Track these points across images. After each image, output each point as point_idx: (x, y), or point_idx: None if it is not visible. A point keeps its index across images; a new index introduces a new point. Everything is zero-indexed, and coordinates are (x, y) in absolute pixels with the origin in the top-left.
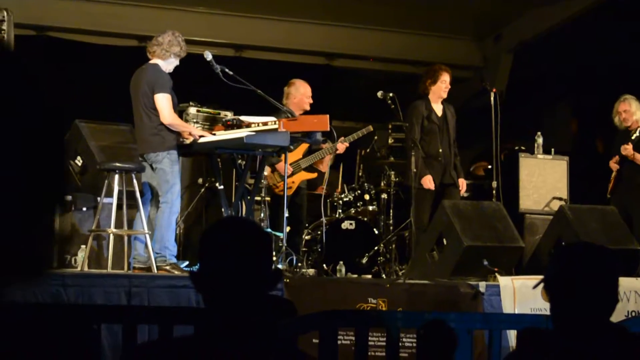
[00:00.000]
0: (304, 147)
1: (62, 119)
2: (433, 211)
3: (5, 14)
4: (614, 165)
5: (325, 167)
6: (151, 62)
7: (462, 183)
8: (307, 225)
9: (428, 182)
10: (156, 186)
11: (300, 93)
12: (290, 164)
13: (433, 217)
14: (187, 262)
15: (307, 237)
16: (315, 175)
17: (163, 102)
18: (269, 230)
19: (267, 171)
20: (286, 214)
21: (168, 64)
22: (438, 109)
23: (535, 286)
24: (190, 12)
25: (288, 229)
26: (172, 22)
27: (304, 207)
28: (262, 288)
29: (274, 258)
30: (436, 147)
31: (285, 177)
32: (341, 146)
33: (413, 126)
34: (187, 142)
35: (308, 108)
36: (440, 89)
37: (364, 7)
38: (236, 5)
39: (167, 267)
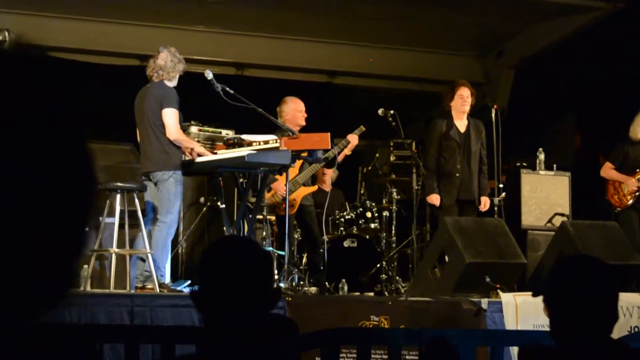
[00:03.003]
0: (300, 163)
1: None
2: None
3: (6, 34)
4: (633, 182)
5: (328, 186)
6: (155, 81)
7: (485, 201)
8: (325, 241)
9: (434, 199)
10: (157, 204)
11: (291, 109)
12: (287, 183)
13: (435, 233)
14: (188, 282)
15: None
16: (315, 188)
17: (171, 117)
18: (270, 249)
19: (266, 195)
20: (296, 235)
21: (174, 81)
22: (461, 125)
23: (535, 295)
24: (191, 31)
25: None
26: (173, 41)
27: (314, 224)
28: (262, 307)
29: (276, 277)
30: (454, 165)
31: (287, 195)
32: (353, 137)
33: (428, 146)
34: (187, 158)
35: (303, 123)
36: (458, 104)
37: (365, 25)
38: (237, 23)
39: (150, 287)
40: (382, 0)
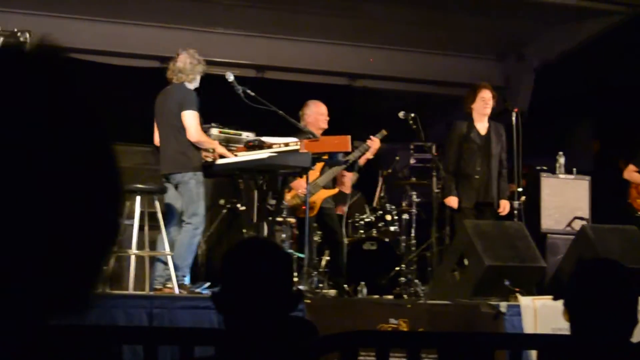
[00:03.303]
0: (320, 165)
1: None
2: None
3: (27, 36)
4: None
5: (347, 188)
6: (176, 82)
7: (504, 204)
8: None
9: (452, 202)
10: (180, 207)
11: (313, 112)
12: (308, 185)
13: (454, 237)
14: (208, 284)
15: (327, 258)
16: (336, 191)
17: (191, 119)
18: (289, 251)
19: (287, 196)
20: (316, 238)
21: (194, 83)
22: (482, 127)
23: (556, 299)
24: (212, 33)
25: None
26: (193, 42)
27: (336, 227)
28: (283, 309)
29: (296, 279)
30: (474, 167)
31: (307, 198)
32: (373, 141)
33: (449, 148)
34: (209, 159)
35: (325, 126)
36: (480, 107)
37: (386, 28)
38: (258, 26)
39: (169, 288)
40: (402, 3)
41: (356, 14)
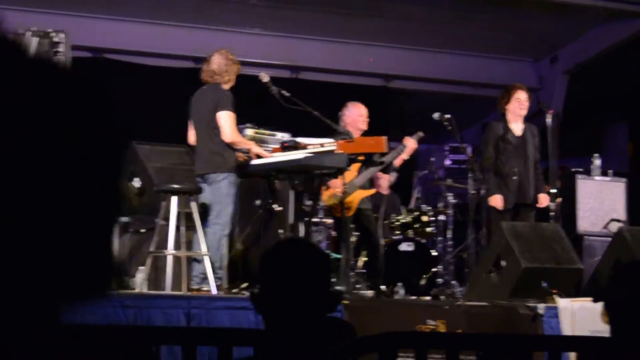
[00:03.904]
0: (357, 166)
1: (125, 138)
2: None
3: (63, 36)
4: None
5: (384, 189)
6: (212, 83)
7: (543, 197)
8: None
9: (498, 200)
10: (211, 206)
11: (352, 113)
12: (344, 184)
13: (491, 238)
14: (246, 284)
15: (365, 259)
16: (373, 191)
17: (226, 119)
18: (327, 252)
19: (324, 195)
20: (352, 238)
21: (230, 83)
22: (517, 128)
23: (596, 301)
24: (246, 34)
25: (364, 253)
26: (227, 43)
27: (373, 228)
28: (322, 309)
29: (333, 280)
30: (511, 167)
31: (343, 201)
32: (410, 141)
33: (485, 147)
34: (244, 159)
35: (365, 127)
36: (515, 107)
37: (420, 29)
38: (292, 26)
39: (206, 289)
40: (438, 4)
41: (391, 14)
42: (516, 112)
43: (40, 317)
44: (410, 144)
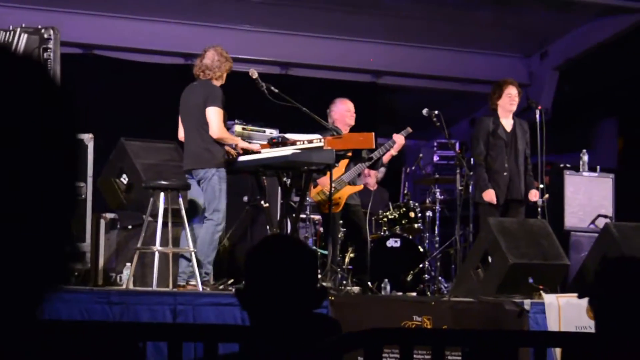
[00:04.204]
0: (345, 162)
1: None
2: None
3: (52, 32)
4: None
5: (372, 185)
6: (202, 79)
7: (533, 193)
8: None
9: (490, 195)
10: (203, 203)
11: (340, 109)
12: (333, 180)
13: (478, 234)
14: (232, 280)
15: (352, 255)
16: (361, 187)
17: (214, 115)
18: (314, 248)
19: (312, 192)
20: (340, 234)
21: (221, 80)
22: (507, 123)
23: (581, 297)
24: (236, 30)
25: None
26: (218, 39)
27: (362, 224)
28: (308, 305)
29: (320, 276)
30: (502, 163)
31: (331, 195)
32: (398, 137)
33: (476, 143)
34: (232, 156)
35: (352, 123)
36: (506, 103)
37: (410, 25)
38: (282, 23)
39: (193, 284)
40: (426, 0)
41: (380, 11)
42: (507, 108)
43: (12, 313)
44: (399, 140)
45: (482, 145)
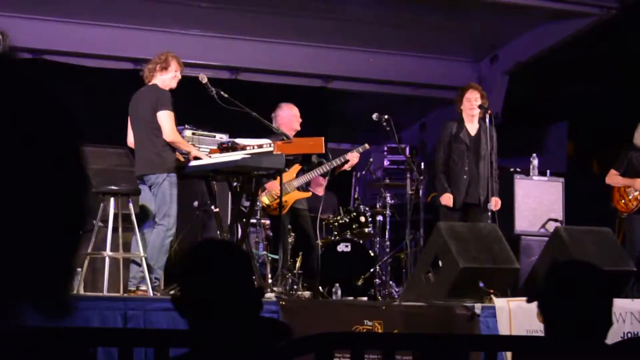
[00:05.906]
0: (296, 167)
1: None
2: None
3: (1, 37)
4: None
5: (321, 190)
6: (150, 84)
7: (496, 200)
8: (318, 246)
9: (447, 199)
10: (153, 208)
11: (286, 114)
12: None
13: (428, 238)
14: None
15: (302, 260)
16: (309, 194)
17: (166, 118)
18: (263, 253)
19: (260, 196)
20: (290, 239)
21: (167, 82)
22: (472, 128)
23: (530, 301)
24: (186, 35)
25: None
26: (167, 44)
27: (309, 228)
28: (245, 309)
29: (270, 281)
30: (462, 167)
31: (281, 200)
32: (353, 155)
33: (438, 146)
34: (182, 159)
35: (298, 127)
36: (466, 107)
37: (360, 29)
38: (232, 27)
39: (143, 289)
40: (377, 4)
41: (330, 15)
42: (468, 112)
43: None
44: (353, 158)
45: (442, 150)
